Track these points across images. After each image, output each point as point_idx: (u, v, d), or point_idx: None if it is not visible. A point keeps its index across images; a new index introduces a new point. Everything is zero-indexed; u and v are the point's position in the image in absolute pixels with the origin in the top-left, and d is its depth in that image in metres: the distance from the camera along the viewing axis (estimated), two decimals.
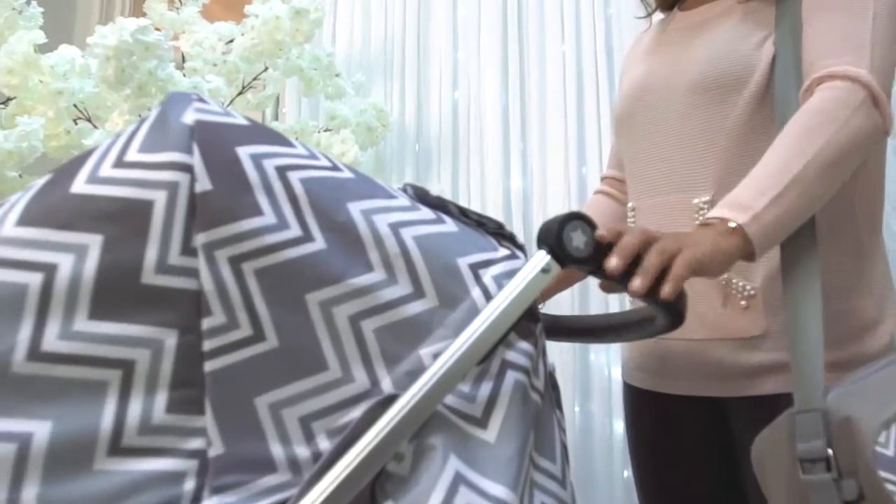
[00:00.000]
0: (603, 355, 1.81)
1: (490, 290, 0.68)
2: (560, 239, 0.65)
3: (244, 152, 0.64)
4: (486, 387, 0.65)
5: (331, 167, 0.69)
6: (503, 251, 0.72)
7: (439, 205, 0.74)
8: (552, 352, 0.74)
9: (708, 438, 0.97)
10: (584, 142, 1.90)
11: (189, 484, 0.58)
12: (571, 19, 1.97)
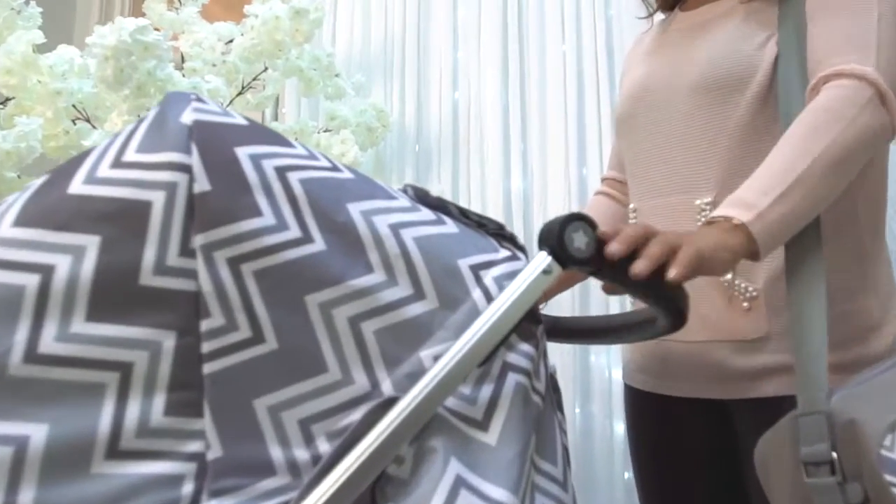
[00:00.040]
0: (603, 357, 1.81)
1: (491, 292, 0.67)
2: (561, 240, 0.65)
3: (243, 152, 0.63)
4: (487, 389, 0.65)
5: (330, 168, 0.68)
6: (504, 252, 0.72)
7: (440, 206, 0.74)
8: (552, 353, 0.74)
9: (709, 440, 0.97)
10: (585, 142, 1.90)
11: (187, 487, 0.58)
12: (572, 19, 1.97)
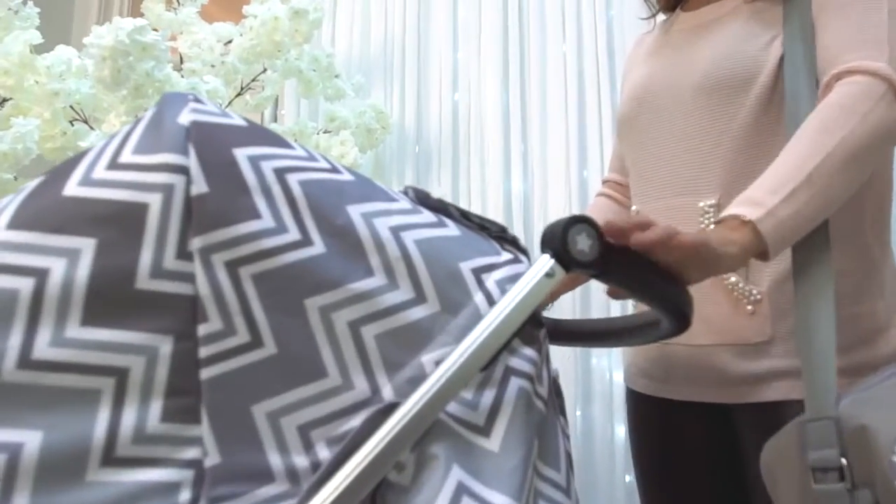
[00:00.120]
0: (604, 359, 1.80)
1: (493, 295, 0.67)
2: (565, 242, 0.64)
3: (241, 154, 0.62)
4: (490, 394, 0.64)
5: (330, 169, 0.67)
6: (506, 255, 0.71)
7: (441, 208, 0.73)
8: (553, 356, 0.73)
9: (712, 445, 0.96)
10: (586, 144, 1.89)
11: (185, 495, 0.57)
12: (572, 20, 1.96)
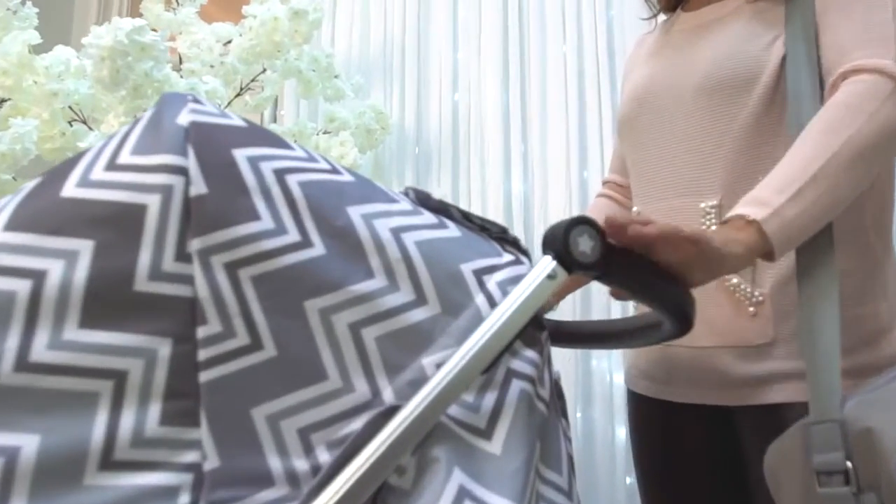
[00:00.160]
0: (605, 361, 1.80)
1: (494, 297, 0.66)
2: (566, 244, 0.63)
3: (241, 155, 0.62)
4: (491, 397, 0.63)
5: (330, 170, 0.67)
6: (507, 256, 0.71)
7: (441, 209, 0.73)
8: (553, 357, 0.73)
9: (713, 447, 0.96)
10: (586, 144, 1.89)
11: (183, 499, 0.56)
12: (573, 20, 1.96)
